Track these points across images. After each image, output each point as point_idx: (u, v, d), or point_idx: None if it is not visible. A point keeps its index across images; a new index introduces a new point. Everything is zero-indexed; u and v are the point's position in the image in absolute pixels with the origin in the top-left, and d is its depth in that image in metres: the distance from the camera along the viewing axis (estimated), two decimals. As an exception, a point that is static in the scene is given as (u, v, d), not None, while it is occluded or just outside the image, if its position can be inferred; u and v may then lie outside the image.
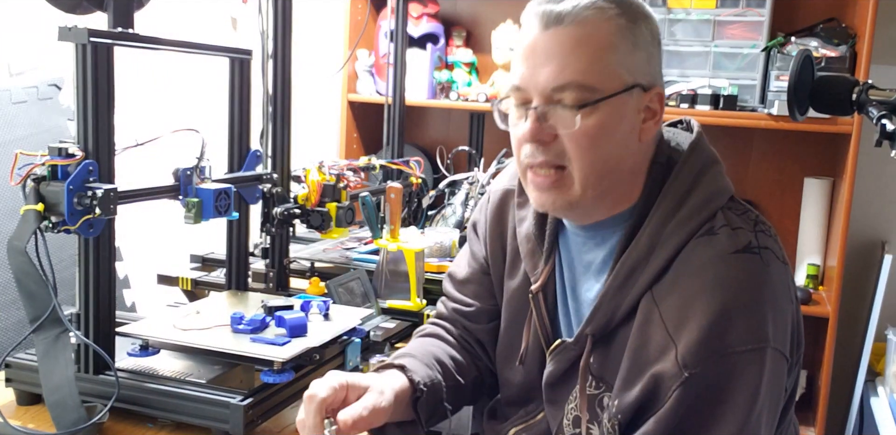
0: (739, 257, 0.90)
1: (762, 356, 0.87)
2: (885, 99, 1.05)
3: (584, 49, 0.91)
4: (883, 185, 2.55)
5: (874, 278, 2.34)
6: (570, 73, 0.90)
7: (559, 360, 1.03)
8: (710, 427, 0.87)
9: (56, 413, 1.07)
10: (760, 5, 2.30)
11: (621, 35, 0.92)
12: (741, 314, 0.87)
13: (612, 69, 0.92)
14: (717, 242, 0.91)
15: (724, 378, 0.86)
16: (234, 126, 1.45)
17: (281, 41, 1.56)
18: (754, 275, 0.89)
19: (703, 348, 0.86)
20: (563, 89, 0.91)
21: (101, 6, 1.19)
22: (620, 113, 0.93)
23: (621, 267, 0.95)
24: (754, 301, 0.88)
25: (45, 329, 1.11)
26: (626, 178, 0.98)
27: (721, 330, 0.86)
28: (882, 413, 2.23)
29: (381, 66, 2.68)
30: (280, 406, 1.17)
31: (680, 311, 0.89)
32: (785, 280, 0.94)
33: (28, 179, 1.09)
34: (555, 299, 1.07)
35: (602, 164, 0.94)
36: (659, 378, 0.88)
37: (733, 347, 0.86)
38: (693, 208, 0.94)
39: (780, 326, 0.90)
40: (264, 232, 1.55)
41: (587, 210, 0.99)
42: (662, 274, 0.92)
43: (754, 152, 2.59)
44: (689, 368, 0.86)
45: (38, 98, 1.64)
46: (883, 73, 2.36)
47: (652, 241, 0.93)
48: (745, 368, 0.86)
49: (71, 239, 1.14)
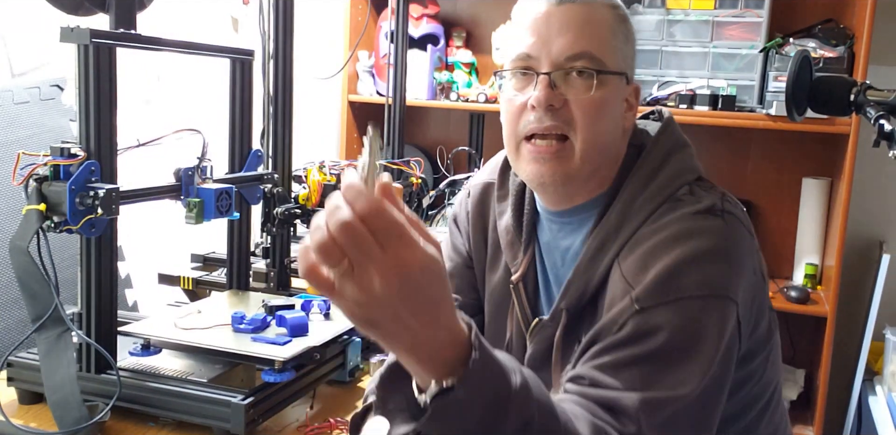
0: (700, 216, 0.92)
1: (718, 304, 0.87)
2: (882, 99, 1.05)
3: (596, 27, 0.96)
4: (881, 186, 2.55)
5: (872, 278, 2.35)
6: (585, 44, 0.95)
7: (538, 340, 1.03)
8: (647, 366, 0.85)
9: (58, 412, 1.07)
10: (759, 6, 2.30)
11: (618, 25, 0.98)
12: (698, 263, 0.88)
13: (615, 50, 0.97)
14: (681, 205, 0.94)
15: (669, 319, 0.85)
16: (236, 126, 1.46)
17: (282, 42, 1.56)
18: (715, 231, 0.90)
19: (657, 289, 0.87)
20: (576, 58, 0.95)
21: (103, 7, 1.20)
22: (617, 93, 0.98)
23: (592, 241, 0.97)
24: (712, 253, 0.89)
25: (47, 328, 1.11)
26: (610, 162, 1.01)
27: (676, 276, 0.87)
28: (880, 412, 2.23)
29: (382, 67, 2.68)
30: (281, 405, 1.18)
31: (639, 263, 0.90)
32: (749, 247, 0.94)
33: (30, 179, 1.09)
34: (536, 288, 1.08)
35: (601, 138, 0.97)
36: (614, 316, 0.89)
37: (687, 291, 0.86)
38: (660, 184, 0.97)
39: (737, 280, 0.89)
40: (265, 232, 1.55)
41: (577, 188, 1.01)
42: (628, 241, 0.95)
43: (753, 153, 2.60)
44: (640, 302, 0.87)
45: (40, 98, 1.64)
46: (881, 73, 2.36)
47: (621, 215, 0.96)
48: (699, 314, 0.86)
49: (73, 239, 1.15)
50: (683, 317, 0.86)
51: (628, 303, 0.88)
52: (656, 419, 0.82)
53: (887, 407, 2.24)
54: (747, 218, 0.96)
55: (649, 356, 0.85)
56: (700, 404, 0.86)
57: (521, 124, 0.98)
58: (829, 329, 2.22)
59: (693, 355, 0.85)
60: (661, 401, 0.83)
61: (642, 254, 0.91)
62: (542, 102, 0.95)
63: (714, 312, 0.87)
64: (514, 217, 1.09)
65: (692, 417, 0.85)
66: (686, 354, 0.85)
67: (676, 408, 0.84)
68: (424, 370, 0.66)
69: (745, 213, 0.96)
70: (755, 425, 1.04)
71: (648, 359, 0.85)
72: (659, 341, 0.85)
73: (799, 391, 2.46)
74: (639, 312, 0.87)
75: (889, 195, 2.57)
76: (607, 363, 0.86)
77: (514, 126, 0.99)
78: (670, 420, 0.83)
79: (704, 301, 0.87)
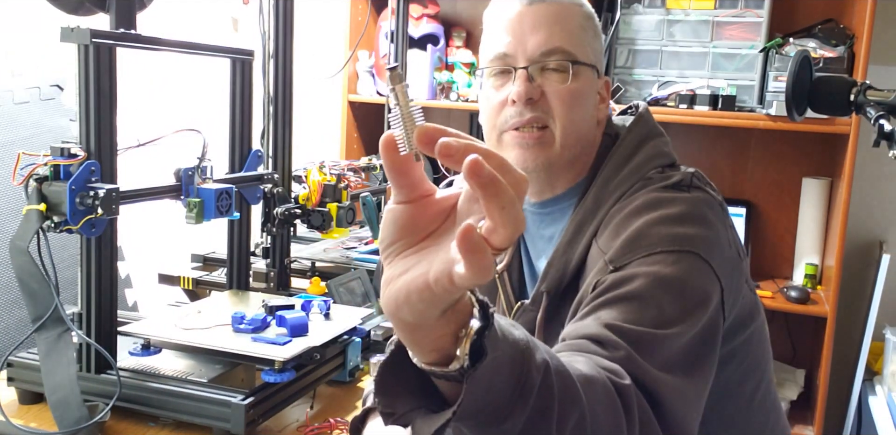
0: (668, 189, 0.95)
1: (690, 259, 0.87)
2: (882, 99, 1.05)
3: (566, 23, 1.02)
4: (881, 185, 2.55)
5: (872, 278, 2.35)
6: (557, 40, 1.01)
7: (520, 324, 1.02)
8: (629, 306, 0.83)
9: (58, 412, 1.07)
10: (759, 6, 2.30)
11: (586, 22, 1.04)
12: (666, 223, 0.89)
13: (585, 44, 1.03)
14: (651, 183, 0.97)
15: (644, 270, 0.86)
16: (236, 126, 1.46)
17: (282, 42, 1.56)
18: (683, 200, 0.93)
19: (628, 248, 0.89)
20: (551, 53, 1.01)
21: (104, 7, 1.20)
22: (590, 85, 1.04)
23: (570, 225, 1.00)
24: (681, 216, 0.90)
25: (48, 328, 1.11)
26: (586, 151, 1.05)
27: (646, 234, 0.89)
28: (880, 412, 2.23)
29: (382, 67, 2.68)
30: (281, 405, 1.18)
31: (612, 232, 0.93)
32: (720, 218, 0.94)
33: (30, 179, 1.09)
34: (521, 278, 1.11)
35: (578, 126, 1.02)
36: (590, 281, 0.90)
37: (658, 245, 0.88)
38: (633, 168, 1.00)
39: (709, 243, 0.89)
40: (265, 232, 1.55)
41: (557, 175, 1.04)
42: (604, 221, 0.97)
43: (752, 153, 2.60)
44: (613, 262, 0.89)
45: (40, 98, 1.64)
46: (881, 73, 2.36)
47: (596, 199, 1.00)
48: (674, 264, 0.86)
49: (73, 239, 1.15)
50: (658, 266, 0.86)
51: (602, 266, 0.90)
52: (644, 348, 0.79)
53: (887, 407, 2.24)
54: (719, 195, 0.98)
55: (626, 297, 0.84)
56: (690, 348, 0.82)
57: (502, 119, 1.02)
58: (829, 329, 2.22)
59: (672, 300, 0.83)
60: (644, 334, 0.80)
61: (614, 225, 0.94)
62: (521, 96, 0.99)
63: (687, 265, 0.87)
64: None
65: (683, 356, 0.81)
66: (665, 297, 0.84)
67: (663, 344, 0.80)
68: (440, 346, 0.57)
69: (716, 191, 0.99)
70: (744, 410, 1.03)
71: (625, 299, 0.84)
72: (635, 285, 0.85)
73: (799, 391, 2.46)
74: (613, 272, 0.88)
75: (889, 195, 2.57)
76: (586, 313, 0.85)
77: (495, 121, 1.03)
78: (659, 353, 0.79)
79: (678, 255, 0.87)
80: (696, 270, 0.88)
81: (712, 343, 0.87)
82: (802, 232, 2.49)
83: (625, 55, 2.45)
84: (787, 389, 2.44)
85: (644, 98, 2.40)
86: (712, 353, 0.87)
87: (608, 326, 0.80)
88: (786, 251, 2.56)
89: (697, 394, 0.83)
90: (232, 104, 1.45)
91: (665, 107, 2.35)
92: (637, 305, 0.83)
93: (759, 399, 1.06)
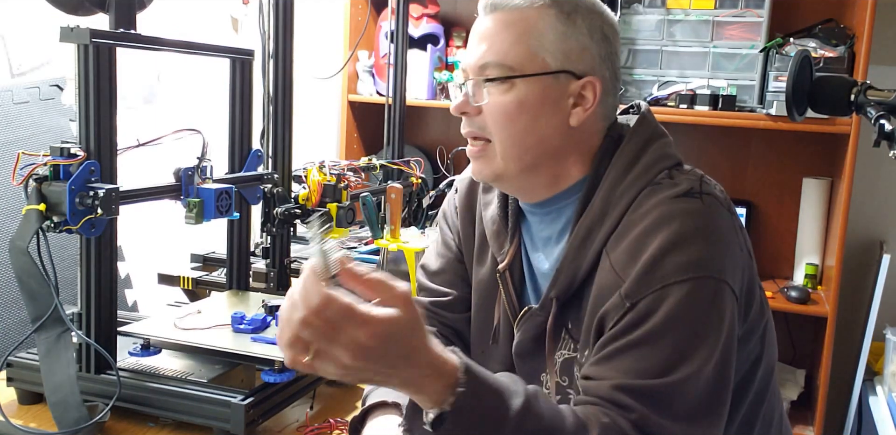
0: (680, 200, 0.94)
1: (705, 285, 0.89)
2: (883, 99, 1.05)
3: (509, 32, 0.99)
4: (881, 186, 2.55)
5: (872, 278, 2.35)
6: (492, 54, 0.99)
7: (526, 328, 1.05)
8: (643, 351, 0.87)
9: (57, 412, 1.07)
10: (759, 6, 2.30)
11: (549, 24, 0.99)
12: (679, 247, 0.89)
13: (533, 53, 0.99)
14: (660, 190, 0.96)
15: (658, 307, 0.88)
16: (236, 126, 1.46)
17: (282, 41, 1.56)
18: (693, 213, 0.92)
19: (642, 281, 0.89)
20: (485, 67, 1.00)
21: (103, 7, 1.20)
22: (544, 94, 0.99)
23: (579, 229, 0.99)
24: (693, 235, 0.90)
25: (47, 328, 1.11)
26: (561, 157, 1.03)
27: (660, 263, 0.89)
28: (880, 412, 2.23)
29: (382, 67, 2.68)
30: (281, 405, 1.18)
31: (627, 254, 0.93)
32: (730, 225, 0.95)
33: (30, 179, 1.09)
34: (521, 277, 1.10)
35: (521, 140, 1.00)
36: (605, 314, 0.92)
37: (671, 277, 0.88)
38: (640, 171, 0.99)
39: (721, 259, 0.91)
40: (265, 232, 1.55)
41: (523, 184, 1.04)
42: (615, 230, 0.97)
43: (753, 153, 2.60)
44: (629, 298, 0.90)
45: (39, 98, 1.64)
46: (881, 73, 2.37)
47: (605, 203, 0.99)
48: (687, 297, 0.88)
49: (72, 239, 1.15)
50: (672, 302, 0.88)
51: (619, 301, 0.91)
52: (659, 403, 0.84)
53: (888, 407, 2.24)
54: (727, 198, 0.98)
55: (640, 341, 0.88)
56: (706, 387, 0.86)
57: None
58: (830, 329, 2.22)
59: (688, 337, 0.87)
60: (658, 387, 0.85)
61: (628, 245, 0.93)
62: (453, 111, 1.03)
63: (703, 292, 0.89)
64: (499, 207, 1.12)
65: (699, 400, 0.86)
66: (681, 330, 0.87)
67: (680, 391, 0.85)
68: (421, 401, 0.77)
69: (724, 193, 0.99)
70: (757, 407, 1.04)
71: (640, 343, 0.87)
72: (649, 326, 0.88)
73: (799, 391, 2.46)
74: (630, 308, 0.89)
75: (890, 195, 2.57)
76: (603, 356, 0.90)
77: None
78: (677, 404, 0.85)
79: (691, 283, 0.88)
80: (710, 295, 0.89)
81: (730, 363, 0.90)
82: (802, 232, 2.49)
83: (625, 55, 2.45)
84: (787, 390, 2.44)
85: (644, 98, 2.40)
86: (730, 374, 0.90)
87: (620, 388, 0.85)
88: (786, 251, 2.56)
89: (720, 425, 0.89)
90: (232, 104, 1.45)
91: (665, 107, 2.35)
92: (650, 349, 0.87)
93: (769, 393, 1.06)
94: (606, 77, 1.03)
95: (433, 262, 1.23)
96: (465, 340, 1.19)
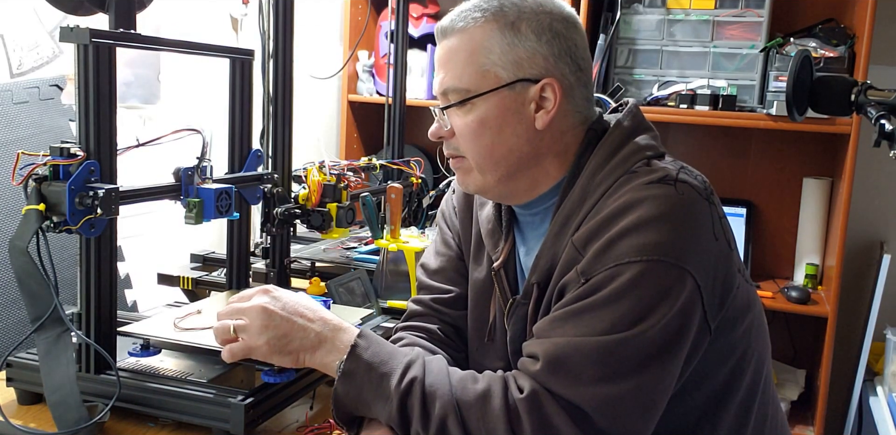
0: (652, 186, 0.94)
1: (657, 268, 0.89)
2: (883, 99, 1.05)
3: (458, 56, 1.03)
4: (881, 185, 2.55)
5: (873, 278, 2.35)
6: (448, 80, 1.04)
7: (515, 320, 1.07)
8: (583, 319, 0.90)
9: (57, 413, 1.07)
10: (759, 6, 2.31)
11: (493, 38, 1.01)
12: (640, 229, 0.90)
13: (484, 70, 1.02)
14: (636, 177, 0.97)
15: (608, 284, 0.90)
16: (235, 126, 1.46)
17: (282, 41, 1.56)
18: (662, 198, 0.92)
19: (598, 258, 0.92)
20: (446, 94, 1.05)
21: (103, 7, 1.19)
22: (503, 107, 1.02)
23: (558, 217, 1.01)
24: (656, 219, 0.91)
25: (47, 329, 1.11)
26: (536, 161, 1.05)
27: (617, 243, 0.91)
28: (881, 413, 2.23)
29: (382, 67, 2.68)
30: (281, 406, 1.18)
31: (590, 232, 0.95)
32: (705, 212, 0.94)
33: (30, 179, 1.09)
34: (515, 276, 1.12)
35: (490, 153, 1.04)
36: (563, 287, 0.97)
37: (625, 257, 0.90)
38: (619, 160, 1.00)
39: (683, 245, 0.90)
40: (265, 232, 1.55)
41: (504, 192, 1.08)
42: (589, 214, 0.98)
43: (753, 152, 2.60)
44: (584, 274, 0.93)
45: (39, 98, 1.64)
46: (881, 73, 2.37)
47: (584, 191, 1.00)
48: (636, 275, 0.89)
49: (72, 239, 1.15)
50: (621, 280, 0.89)
51: (575, 276, 0.94)
52: (554, 362, 0.89)
53: (888, 407, 2.24)
54: (707, 188, 0.98)
55: (580, 311, 0.91)
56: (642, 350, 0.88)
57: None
58: (830, 329, 2.22)
59: (627, 313, 0.89)
60: (558, 343, 0.90)
61: (593, 225, 0.95)
62: (431, 138, 1.09)
63: (654, 275, 0.89)
64: (494, 206, 1.15)
65: (631, 360, 0.88)
66: (619, 311, 0.89)
67: (576, 351, 0.89)
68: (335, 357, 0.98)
69: (705, 184, 0.98)
70: (748, 403, 1.04)
71: (580, 313, 0.91)
72: (591, 300, 0.91)
73: (799, 391, 2.46)
74: (583, 284, 0.92)
75: (890, 195, 2.57)
76: (545, 321, 0.96)
77: None
78: (568, 364, 0.88)
79: (643, 265, 0.89)
80: (662, 278, 0.89)
81: (677, 341, 0.90)
82: (803, 232, 2.49)
83: (625, 55, 2.45)
84: (787, 390, 2.44)
85: (644, 98, 2.40)
86: (675, 349, 0.91)
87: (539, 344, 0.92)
88: (786, 251, 2.56)
89: (647, 394, 0.89)
90: (232, 104, 1.45)
91: (665, 107, 2.35)
92: (589, 319, 0.90)
93: (762, 388, 1.06)
94: (566, 73, 1.02)
95: (433, 260, 1.24)
96: (465, 339, 1.20)
